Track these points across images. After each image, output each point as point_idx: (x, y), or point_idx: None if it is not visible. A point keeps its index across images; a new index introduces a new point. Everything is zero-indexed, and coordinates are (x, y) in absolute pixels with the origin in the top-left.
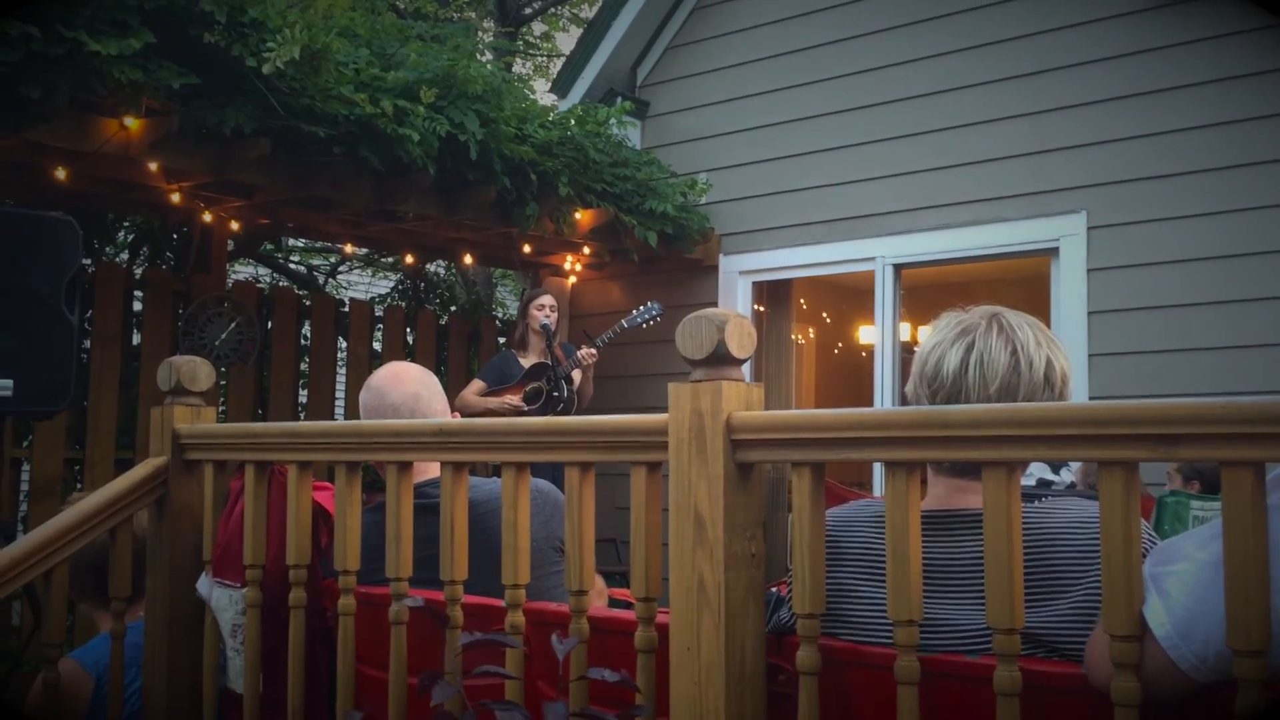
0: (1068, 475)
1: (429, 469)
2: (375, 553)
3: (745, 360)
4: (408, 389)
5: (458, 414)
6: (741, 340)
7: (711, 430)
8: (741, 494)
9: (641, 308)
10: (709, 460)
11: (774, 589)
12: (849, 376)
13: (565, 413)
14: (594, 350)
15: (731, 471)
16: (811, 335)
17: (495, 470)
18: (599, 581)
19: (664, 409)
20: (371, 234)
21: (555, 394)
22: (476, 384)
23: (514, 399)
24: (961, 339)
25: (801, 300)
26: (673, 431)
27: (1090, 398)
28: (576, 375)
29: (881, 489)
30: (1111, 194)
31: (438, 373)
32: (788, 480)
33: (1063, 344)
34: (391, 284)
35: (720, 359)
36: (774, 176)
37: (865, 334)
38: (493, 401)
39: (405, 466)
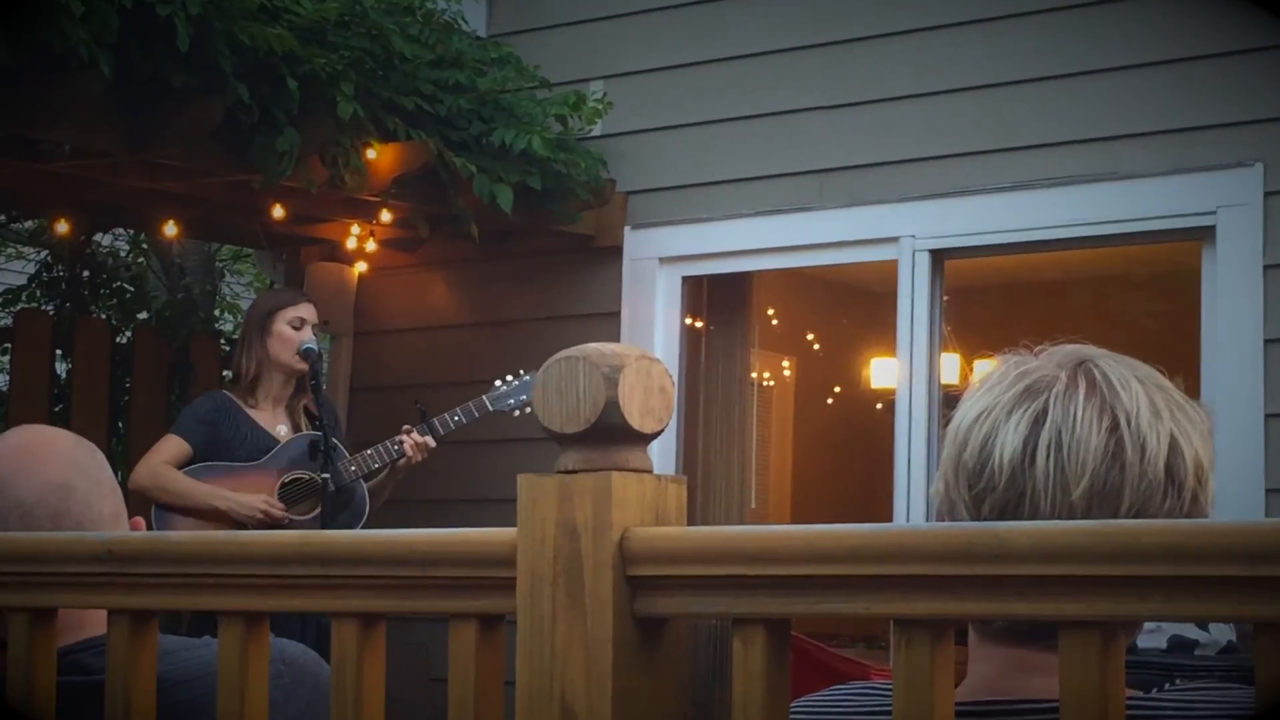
0: (1223, 632)
1: (88, 620)
2: None
3: (655, 434)
4: (49, 476)
5: (140, 521)
6: (648, 399)
7: (593, 560)
8: (646, 672)
9: (513, 380)
10: (588, 612)
11: None
12: (853, 448)
13: (353, 524)
14: (429, 440)
15: (628, 633)
16: (787, 373)
17: (209, 624)
18: None
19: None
20: None
21: (339, 491)
22: (173, 445)
23: (274, 506)
24: (1026, 404)
25: (770, 311)
26: (524, 560)
27: (1267, 492)
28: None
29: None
30: None
31: (112, 433)
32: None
33: (1202, 410)
34: (30, 271)
35: (610, 434)
36: (722, 92)
37: (881, 371)
38: (228, 499)
39: (43, 616)
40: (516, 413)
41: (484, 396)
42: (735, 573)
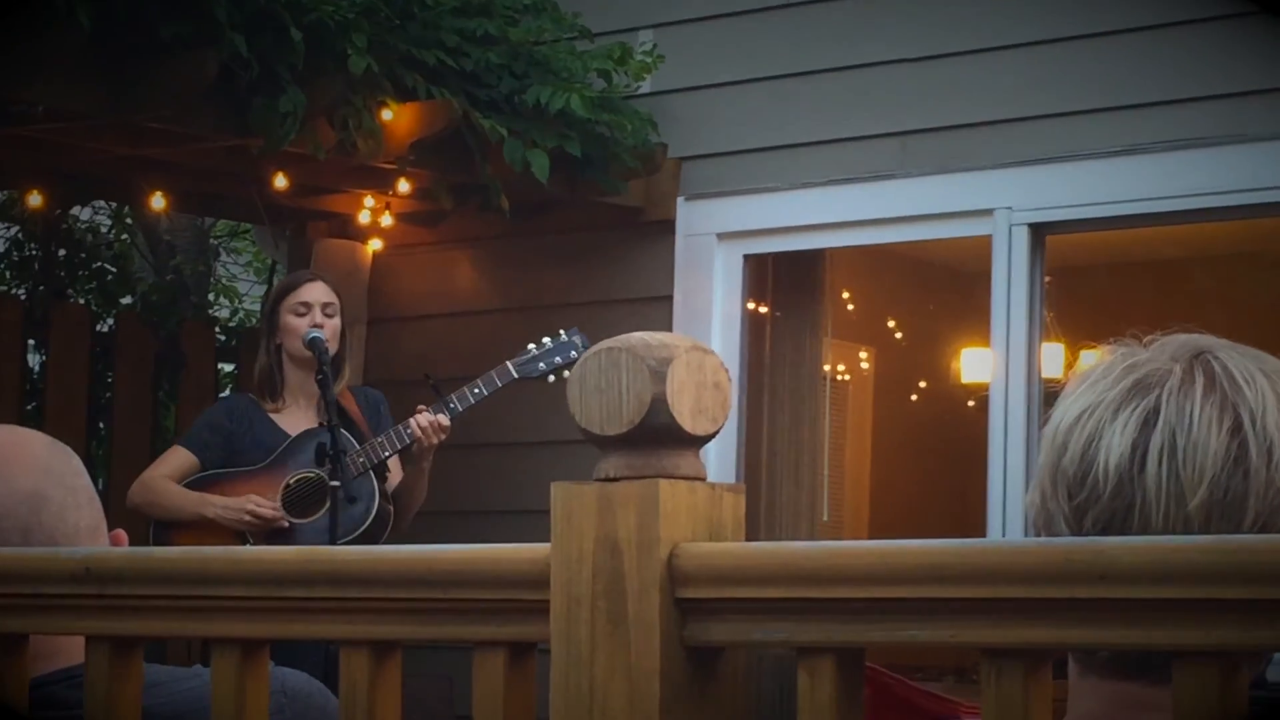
0: None
1: (63, 648)
2: None
3: (709, 437)
4: (19, 484)
5: (122, 535)
6: (701, 396)
7: (638, 580)
8: (698, 709)
9: (547, 342)
10: (632, 640)
11: None
12: (941, 452)
13: (369, 537)
14: (442, 419)
15: (678, 664)
16: (865, 366)
17: (201, 653)
18: None
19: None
20: None
21: (347, 491)
22: (178, 457)
23: (263, 505)
24: (1135, 402)
25: (845, 294)
26: (559, 581)
27: None
28: (396, 466)
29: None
30: None
31: (91, 435)
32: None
33: None
34: None
35: (657, 436)
36: (790, 43)
37: (973, 363)
38: (215, 505)
39: (13, 644)
40: (551, 377)
41: (508, 362)
42: (800, 595)
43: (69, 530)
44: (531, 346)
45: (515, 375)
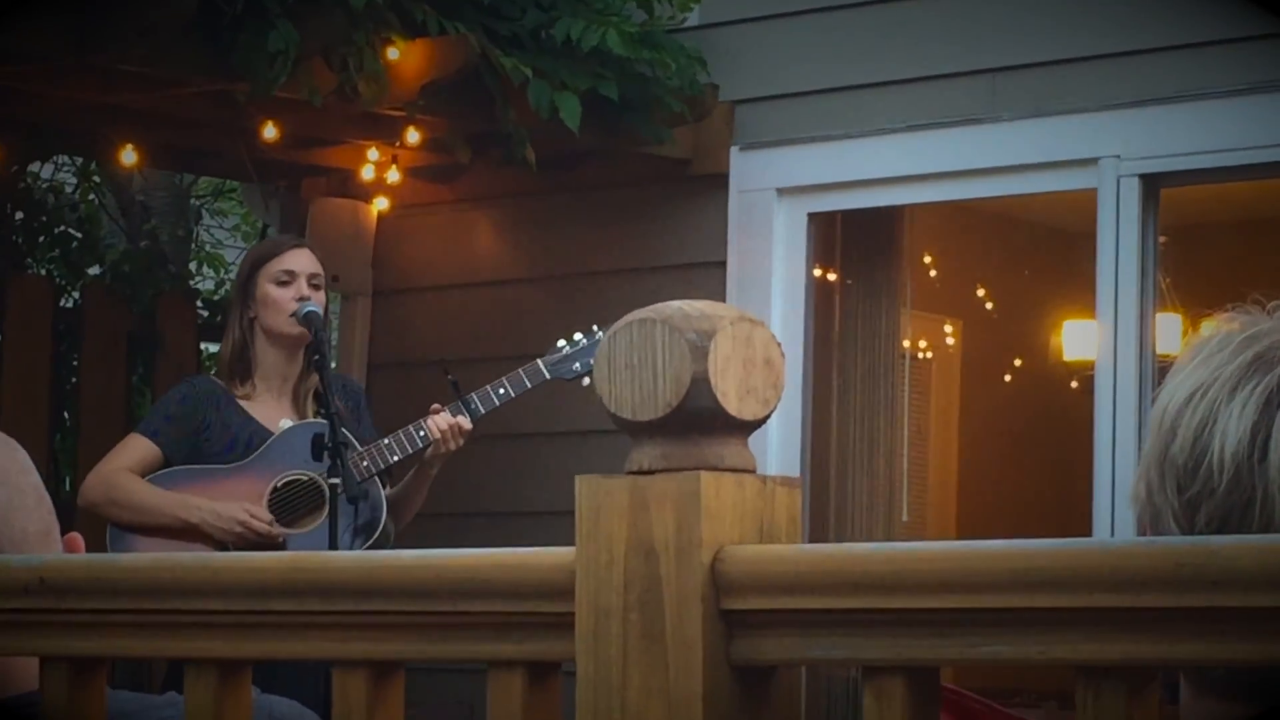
0: None
1: (16, 672)
2: None
3: (759, 422)
4: None
5: (78, 540)
6: (749, 375)
7: (676, 589)
8: None
9: (580, 338)
10: (671, 659)
11: None
12: (1039, 439)
13: (374, 543)
14: (463, 422)
15: (724, 686)
16: (950, 339)
17: (171, 677)
18: None
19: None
20: None
21: (348, 491)
22: (138, 447)
23: (259, 517)
24: (1255, 379)
25: (926, 257)
26: (585, 590)
27: None
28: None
29: None
30: None
31: (55, 426)
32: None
33: None
34: None
35: (698, 421)
36: None
37: (1076, 336)
38: (201, 509)
39: None
40: (586, 379)
41: (539, 360)
42: (865, 605)
43: (16, 535)
44: (563, 343)
45: (547, 375)
